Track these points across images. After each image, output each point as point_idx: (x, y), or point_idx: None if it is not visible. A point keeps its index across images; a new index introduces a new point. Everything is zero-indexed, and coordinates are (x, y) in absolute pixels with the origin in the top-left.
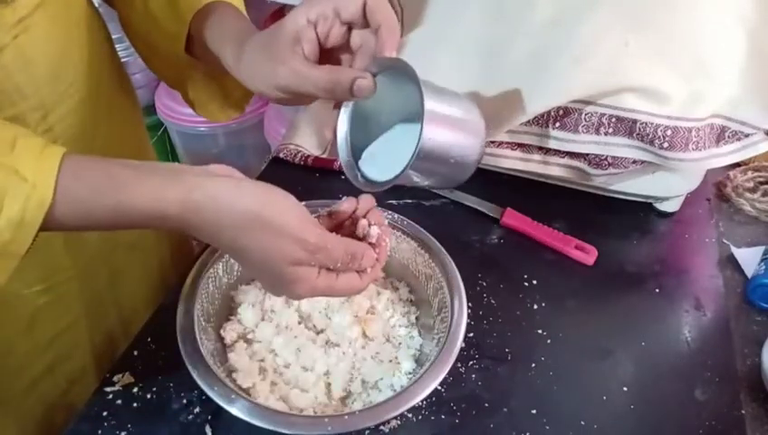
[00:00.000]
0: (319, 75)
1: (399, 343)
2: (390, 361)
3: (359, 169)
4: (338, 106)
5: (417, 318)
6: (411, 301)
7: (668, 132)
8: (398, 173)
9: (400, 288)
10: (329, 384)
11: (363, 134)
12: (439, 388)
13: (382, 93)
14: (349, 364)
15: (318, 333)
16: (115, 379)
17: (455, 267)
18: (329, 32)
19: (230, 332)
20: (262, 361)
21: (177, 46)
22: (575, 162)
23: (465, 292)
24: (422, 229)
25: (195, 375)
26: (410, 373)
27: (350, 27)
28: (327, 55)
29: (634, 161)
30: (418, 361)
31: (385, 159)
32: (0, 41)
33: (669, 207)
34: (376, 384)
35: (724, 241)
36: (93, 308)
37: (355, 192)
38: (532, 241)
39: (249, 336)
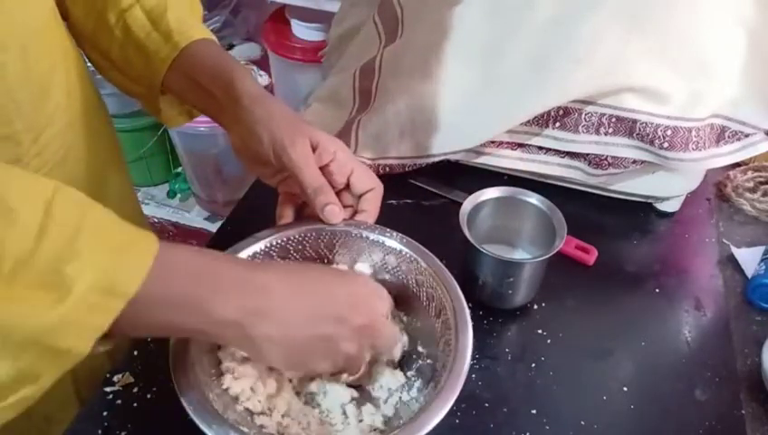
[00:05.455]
0: (313, 177)
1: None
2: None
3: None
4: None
5: (414, 320)
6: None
7: (668, 132)
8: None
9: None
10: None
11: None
12: None
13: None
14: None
15: None
16: (115, 379)
17: (449, 275)
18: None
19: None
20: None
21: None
22: (575, 162)
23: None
24: (414, 241)
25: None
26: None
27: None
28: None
29: (634, 161)
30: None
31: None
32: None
33: (669, 207)
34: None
35: (724, 241)
36: None
37: None
38: None
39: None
